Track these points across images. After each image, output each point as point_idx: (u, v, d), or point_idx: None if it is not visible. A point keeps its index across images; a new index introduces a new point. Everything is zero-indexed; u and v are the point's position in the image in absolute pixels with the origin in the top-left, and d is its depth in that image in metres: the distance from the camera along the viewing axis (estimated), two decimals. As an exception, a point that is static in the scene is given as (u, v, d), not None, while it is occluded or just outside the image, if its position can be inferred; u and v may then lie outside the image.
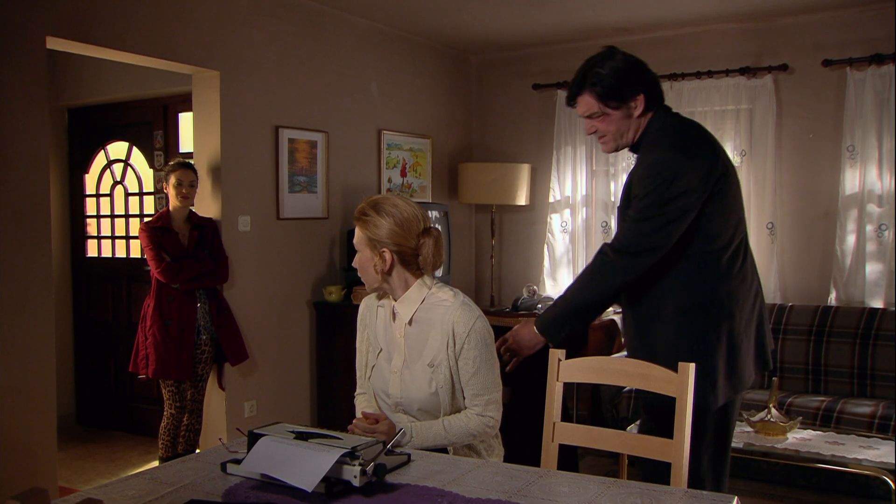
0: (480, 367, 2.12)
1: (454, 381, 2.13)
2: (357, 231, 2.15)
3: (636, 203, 2.31)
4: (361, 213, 2.13)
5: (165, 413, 3.88)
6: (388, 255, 2.11)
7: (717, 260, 2.33)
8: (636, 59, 2.37)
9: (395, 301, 2.18)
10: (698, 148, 2.32)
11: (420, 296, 2.15)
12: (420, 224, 2.14)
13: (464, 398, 2.15)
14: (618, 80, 2.31)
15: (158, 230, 3.79)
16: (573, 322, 2.38)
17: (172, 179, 3.84)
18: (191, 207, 3.92)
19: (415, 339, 2.16)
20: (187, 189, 3.85)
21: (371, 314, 2.28)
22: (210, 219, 4.02)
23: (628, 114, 2.33)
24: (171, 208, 3.87)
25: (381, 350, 2.23)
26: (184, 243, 3.85)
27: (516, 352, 2.43)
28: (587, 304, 2.37)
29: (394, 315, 2.20)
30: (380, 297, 2.26)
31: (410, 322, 2.16)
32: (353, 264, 2.22)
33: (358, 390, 2.35)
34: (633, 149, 2.43)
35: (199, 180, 3.96)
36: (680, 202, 2.24)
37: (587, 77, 2.34)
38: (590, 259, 4.60)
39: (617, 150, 2.44)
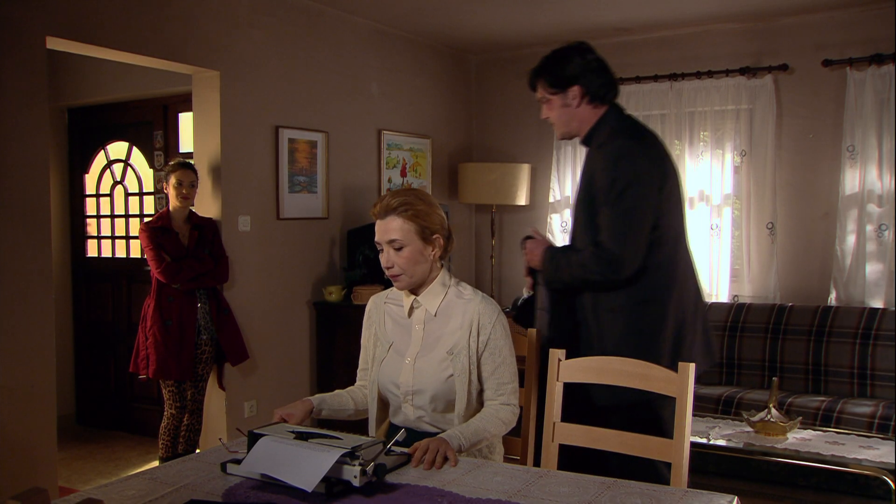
0: (505, 359, 2.16)
1: (471, 371, 2.13)
2: (402, 224, 2.09)
3: (608, 195, 2.40)
4: (406, 205, 2.10)
5: (165, 413, 3.88)
6: (441, 242, 2.15)
7: (668, 255, 2.47)
8: (587, 55, 2.52)
9: (418, 295, 2.20)
10: (653, 139, 2.52)
11: (443, 289, 2.19)
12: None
13: (482, 389, 2.17)
14: (558, 70, 2.50)
15: (158, 230, 3.78)
16: (557, 283, 2.52)
17: (172, 180, 3.83)
18: (190, 207, 3.92)
19: (433, 330, 2.18)
20: (187, 189, 3.84)
21: (378, 312, 2.29)
22: (210, 219, 4.02)
23: (566, 103, 2.51)
24: (170, 208, 3.87)
25: (392, 343, 2.23)
26: (184, 243, 3.85)
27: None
28: (573, 283, 2.50)
29: (411, 309, 2.21)
30: (412, 292, 2.21)
31: (435, 313, 2.18)
32: (386, 264, 2.13)
33: (358, 383, 2.36)
34: (585, 142, 2.57)
35: (199, 180, 3.96)
36: (643, 190, 2.39)
37: (541, 64, 2.57)
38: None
39: (564, 137, 2.62)
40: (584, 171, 2.54)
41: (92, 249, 5.46)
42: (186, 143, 4.89)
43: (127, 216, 5.30)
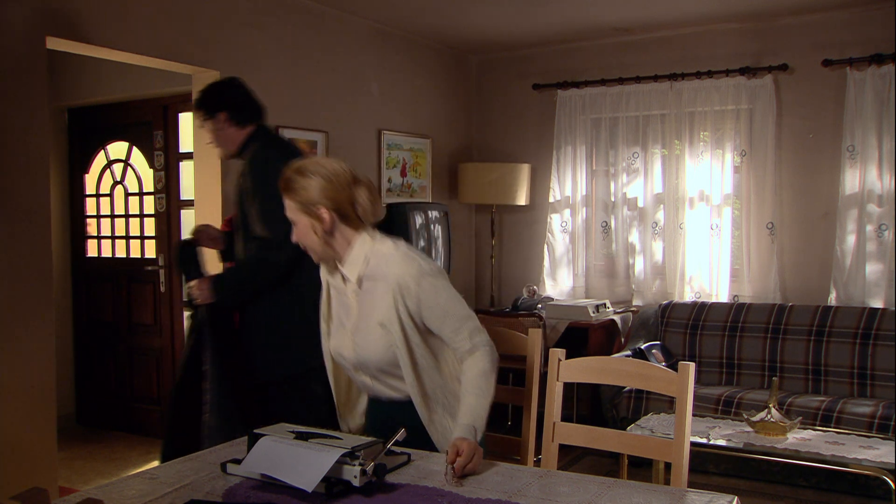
0: (446, 306, 2.06)
1: (408, 338, 2.05)
2: (287, 202, 2.08)
3: (254, 193, 2.82)
4: (287, 182, 2.07)
5: None
6: (325, 214, 2.04)
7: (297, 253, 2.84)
8: (232, 90, 3.02)
9: (343, 265, 2.12)
10: (293, 150, 3.00)
11: (363, 252, 2.09)
12: (349, 175, 2.08)
13: (433, 349, 2.10)
14: (205, 98, 3.01)
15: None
16: (237, 298, 2.90)
17: None
18: None
19: (364, 301, 2.11)
20: None
21: (325, 285, 2.24)
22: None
23: (219, 126, 2.97)
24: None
25: (336, 315, 2.19)
26: None
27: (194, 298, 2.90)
28: (249, 287, 2.88)
29: (344, 279, 2.14)
30: (331, 271, 2.19)
31: (360, 283, 2.11)
32: (293, 240, 2.13)
33: None
34: (238, 156, 3.03)
35: (200, 181, 3.95)
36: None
37: (197, 97, 3.05)
38: (587, 258, 5.04)
39: (225, 156, 3.10)
40: (236, 184, 2.98)
41: (92, 249, 5.46)
42: (186, 143, 4.89)
43: (127, 216, 5.30)
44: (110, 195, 5.38)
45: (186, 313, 3.01)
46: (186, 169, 4.90)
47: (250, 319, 2.93)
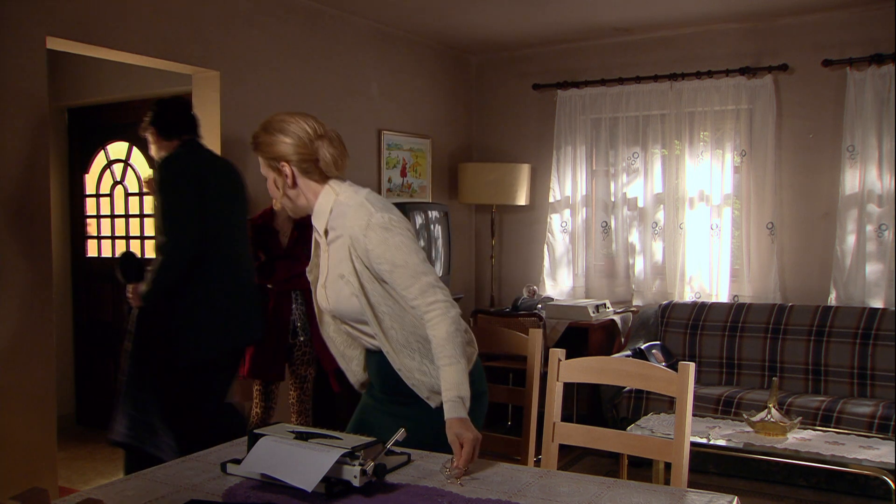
0: (394, 259, 2.00)
1: (365, 289, 2.04)
2: (259, 159, 2.12)
3: (157, 199, 3.17)
4: (254, 139, 2.11)
5: (252, 412, 3.84)
6: (286, 168, 2.06)
7: (224, 245, 3.26)
8: (165, 107, 3.39)
9: (313, 217, 2.13)
10: (207, 159, 3.33)
11: (328, 204, 2.10)
12: (312, 131, 2.08)
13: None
14: (144, 115, 3.40)
15: (260, 227, 3.77)
16: (163, 292, 3.20)
17: None
18: None
19: (332, 252, 2.12)
20: None
21: (314, 242, 2.24)
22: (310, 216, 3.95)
23: (153, 139, 3.38)
24: (274, 206, 3.80)
25: (317, 267, 2.21)
26: (283, 242, 3.80)
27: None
28: (168, 283, 3.18)
29: (317, 233, 2.16)
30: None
31: (326, 235, 2.11)
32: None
33: None
34: None
35: None
36: (176, 188, 3.14)
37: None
38: (587, 258, 5.08)
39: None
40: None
41: (92, 249, 5.46)
42: (186, 143, 4.89)
43: (127, 216, 5.30)
44: (110, 195, 5.38)
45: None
46: (186, 169, 4.90)
47: (174, 308, 3.25)
